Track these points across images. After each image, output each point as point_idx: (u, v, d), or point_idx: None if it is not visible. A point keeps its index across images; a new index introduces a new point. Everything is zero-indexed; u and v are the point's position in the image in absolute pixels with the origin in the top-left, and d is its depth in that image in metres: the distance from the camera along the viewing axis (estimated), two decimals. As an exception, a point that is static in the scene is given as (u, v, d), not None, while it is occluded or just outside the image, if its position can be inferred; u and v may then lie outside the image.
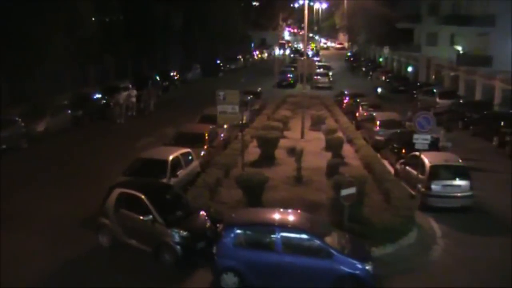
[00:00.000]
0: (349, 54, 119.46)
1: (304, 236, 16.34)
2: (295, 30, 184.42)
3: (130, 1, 55.87)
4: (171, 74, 64.95)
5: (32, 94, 42.25)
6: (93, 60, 50.50)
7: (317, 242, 16.04)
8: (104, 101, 44.00)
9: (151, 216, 18.42)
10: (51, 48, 39.60)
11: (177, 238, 18.07)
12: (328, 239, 16.38)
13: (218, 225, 18.48)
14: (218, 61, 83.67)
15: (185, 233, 18.16)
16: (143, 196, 18.88)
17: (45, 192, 25.42)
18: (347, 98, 49.89)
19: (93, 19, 49.16)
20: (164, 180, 22.55)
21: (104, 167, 28.91)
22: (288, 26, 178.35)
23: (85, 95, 43.85)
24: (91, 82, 52.27)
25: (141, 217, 18.65)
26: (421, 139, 23.20)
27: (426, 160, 23.96)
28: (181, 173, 24.06)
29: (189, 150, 25.73)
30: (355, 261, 15.97)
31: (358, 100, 45.41)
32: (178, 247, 18.01)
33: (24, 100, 39.96)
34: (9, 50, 36.42)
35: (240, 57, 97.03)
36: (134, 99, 44.45)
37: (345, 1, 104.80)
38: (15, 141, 33.01)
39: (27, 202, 24.04)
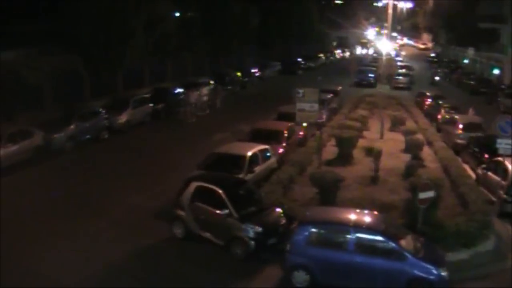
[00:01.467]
0: (432, 54, 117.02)
1: (378, 237, 16.17)
2: (378, 29, 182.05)
3: None
4: (251, 71, 65.30)
5: (113, 88, 43.67)
6: (171, 56, 51.41)
7: (391, 244, 15.84)
8: (182, 97, 44.61)
9: (227, 211, 18.64)
10: (132, 44, 40.72)
11: (250, 233, 18.21)
12: (402, 242, 16.17)
13: (291, 222, 18.53)
14: (298, 59, 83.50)
15: (258, 229, 18.28)
16: (221, 191, 19.11)
17: (122, 182, 26.15)
18: (428, 99, 48.88)
19: (172, 16, 49.94)
20: (241, 176, 22.72)
21: (179, 160, 29.45)
22: (371, 25, 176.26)
23: (165, 89, 44.64)
24: (169, 77, 53.24)
25: (217, 211, 18.89)
26: (504, 144, 22.47)
27: (509, 165, 23.22)
28: (258, 169, 24.22)
29: (267, 147, 25.87)
30: (429, 266, 15.68)
31: (439, 102, 44.45)
32: (251, 242, 18.16)
33: (106, 94, 41.37)
34: (93, 46, 37.77)
35: (320, 55, 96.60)
36: (205, 98, 44.10)
37: (429, 1, 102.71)
38: (98, 132, 34.16)
39: (104, 191, 24.78)
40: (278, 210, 19.71)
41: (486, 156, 27.18)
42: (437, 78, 62.09)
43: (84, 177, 27.01)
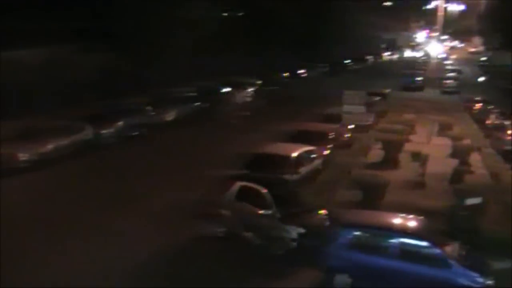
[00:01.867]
0: (482, 58, 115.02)
1: (422, 243, 15.92)
2: (427, 32, 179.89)
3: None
4: (297, 71, 65.22)
5: (158, 86, 44.14)
6: (216, 55, 51.71)
7: (436, 251, 15.58)
8: (227, 95, 44.73)
9: (270, 211, 18.65)
10: (176, 42, 41.16)
11: (292, 235, 18.18)
12: (448, 249, 15.90)
13: (334, 224, 18.43)
14: (345, 61, 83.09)
15: (301, 230, 18.24)
16: (265, 191, 19.13)
17: (165, 178, 26.31)
18: (476, 104, 48.10)
19: (217, 15, 50.29)
20: (285, 176, 22.67)
21: (223, 158, 29.51)
22: (420, 28, 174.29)
23: (210, 88, 44.87)
24: (214, 76, 53.46)
25: (260, 211, 18.92)
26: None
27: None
28: (302, 170, 24.14)
29: (312, 148, 25.78)
30: (474, 274, 15.40)
31: (488, 107, 43.71)
32: (293, 243, 18.13)
33: (150, 91, 41.88)
34: (136, 44, 38.40)
35: (367, 57, 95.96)
36: (249, 98, 43.44)
37: (483, 4, 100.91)
38: (143, 129, 34.57)
39: (147, 186, 25.02)
40: (321, 212, 19.63)
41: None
42: (481, 78, 60.75)
43: (127, 172, 27.39)
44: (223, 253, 18.83)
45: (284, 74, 59.61)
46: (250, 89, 46.65)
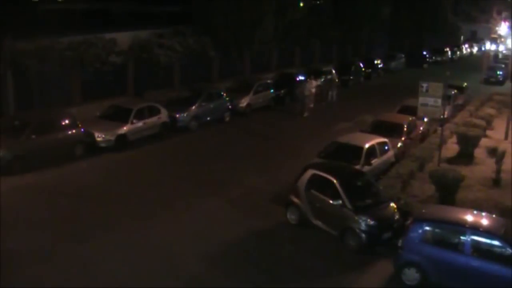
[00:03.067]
0: None
1: (496, 242, 15.70)
2: (510, 25, 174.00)
3: None
4: (375, 62, 64.34)
5: (241, 71, 44.75)
6: (299, 42, 51.74)
7: (510, 250, 15.34)
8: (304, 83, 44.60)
9: (340, 201, 18.72)
10: (261, 30, 41.49)
11: (363, 226, 18.21)
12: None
13: (407, 218, 18.34)
14: (424, 52, 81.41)
15: (372, 222, 18.24)
16: (335, 181, 19.18)
17: (242, 164, 26.89)
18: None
19: (302, 3, 50.23)
20: (358, 167, 22.68)
21: (299, 147, 29.74)
22: (503, 19, 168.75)
23: (289, 75, 44.93)
24: (296, 64, 53.50)
25: (331, 201, 19.02)
26: None
27: None
28: (375, 161, 24.07)
29: (385, 139, 25.63)
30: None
31: None
32: (364, 235, 18.15)
33: (233, 76, 42.57)
34: (223, 29, 38.91)
35: (447, 49, 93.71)
36: (313, 90, 41.00)
37: None
38: (220, 114, 35.09)
39: (223, 171, 25.63)
40: (393, 205, 19.55)
41: None
42: None
43: (204, 156, 28.11)
44: (298, 240, 19.08)
45: (361, 65, 58.71)
46: (320, 80, 46.13)
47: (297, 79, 43.86)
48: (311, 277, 16.86)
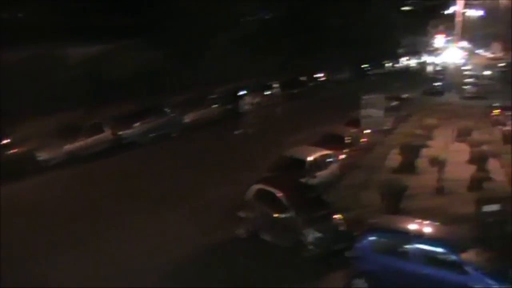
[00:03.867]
0: (502, 64, 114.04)
1: (441, 249, 16.01)
2: (446, 38, 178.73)
3: (289, 0, 56.97)
4: (323, 74, 65.18)
5: (192, 86, 44.42)
6: (251, 56, 51.90)
7: (453, 256, 15.66)
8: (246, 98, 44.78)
9: (287, 214, 18.78)
10: (213, 44, 41.55)
11: (311, 238, 18.30)
12: (465, 255, 15.95)
13: (355, 229, 18.52)
14: (369, 64, 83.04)
15: (319, 234, 18.35)
16: (280, 194, 19.29)
17: (192, 179, 26.71)
18: (496, 110, 47.81)
19: (254, 15, 50.54)
20: (303, 180, 22.81)
21: (248, 160, 29.66)
22: (438, 32, 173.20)
23: (235, 90, 44.99)
24: (247, 77, 53.49)
25: (279, 214, 19.07)
26: None
27: None
28: (320, 174, 24.24)
29: (330, 152, 25.87)
30: (493, 282, 15.42)
31: (508, 113, 43.42)
32: (312, 246, 18.25)
33: (186, 90, 42.29)
34: (175, 44, 38.83)
35: (388, 61, 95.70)
36: (253, 104, 41.67)
37: (503, 8, 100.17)
38: (170, 128, 35.08)
39: (175, 187, 25.48)
40: (339, 216, 19.71)
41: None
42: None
43: (154, 172, 27.86)
44: (249, 254, 19.09)
45: (303, 78, 59.31)
46: (271, 92, 46.45)
47: (244, 93, 44.01)
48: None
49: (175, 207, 22.88)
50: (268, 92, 47.10)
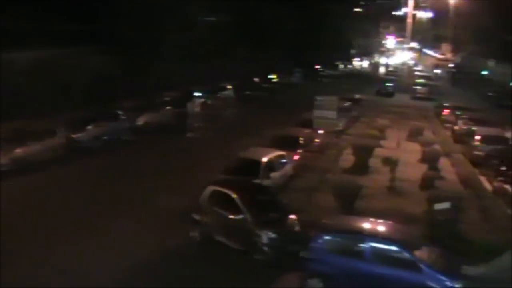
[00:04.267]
0: (451, 65, 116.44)
1: (393, 247, 16.16)
2: (397, 39, 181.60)
3: (240, 4, 56.97)
4: (275, 77, 65.56)
5: (144, 91, 44.04)
6: (202, 60, 51.75)
7: (407, 254, 15.83)
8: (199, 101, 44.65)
9: (242, 216, 18.71)
10: (164, 47, 41.26)
11: (265, 239, 18.23)
12: (418, 253, 16.14)
13: (309, 230, 18.56)
14: (319, 67, 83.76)
15: (274, 235, 18.31)
16: (234, 195, 19.18)
17: (146, 184, 26.24)
18: (446, 110, 48.80)
19: (204, 20, 50.45)
20: (257, 181, 22.77)
21: (203, 163, 29.45)
22: (390, 34, 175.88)
23: (188, 93, 44.80)
24: (198, 81, 53.34)
25: (233, 216, 18.97)
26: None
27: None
28: (274, 175, 24.24)
29: (283, 153, 25.91)
30: (444, 278, 15.65)
31: (458, 113, 44.33)
32: (266, 248, 18.20)
33: (136, 95, 41.82)
34: (126, 48, 38.43)
35: (340, 63, 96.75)
36: (199, 108, 39.99)
37: (451, 11, 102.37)
38: (122, 133, 34.51)
39: (129, 192, 24.96)
40: (293, 217, 19.73)
41: (504, 168, 27.07)
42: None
43: (107, 177, 27.29)
44: (204, 258, 18.91)
45: (257, 79, 59.61)
46: (226, 93, 46.49)
47: (196, 96, 43.83)
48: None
49: (128, 212, 22.51)
50: (222, 94, 47.01)
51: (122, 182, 26.46)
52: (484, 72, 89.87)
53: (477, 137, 33.90)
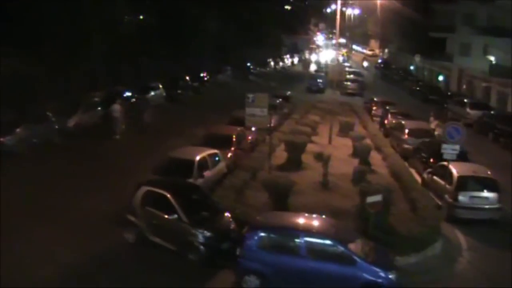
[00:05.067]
0: (379, 61, 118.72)
1: (328, 242, 16.33)
2: (327, 36, 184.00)
3: (165, 3, 56.50)
4: (203, 75, 65.19)
5: (68, 90, 42.94)
6: (127, 59, 50.99)
7: (341, 248, 16.01)
8: (135, 100, 44.07)
9: (176, 215, 18.53)
10: (87, 47, 40.36)
11: (201, 238, 18.14)
12: (352, 246, 16.34)
13: (243, 227, 18.52)
14: (249, 64, 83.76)
15: (209, 234, 18.22)
16: (168, 195, 18.99)
17: (75, 187, 25.57)
18: (376, 105, 49.66)
19: (128, 19, 49.73)
20: (191, 180, 22.62)
21: (134, 164, 29.04)
22: (320, 31, 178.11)
23: (116, 93, 44.06)
24: (125, 81, 52.48)
25: (166, 216, 18.77)
26: (449, 149, 22.96)
27: (454, 170, 23.72)
28: (207, 173, 24.11)
29: (216, 151, 25.79)
30: (378, 269, 15.90)
31: (387, 108, 45.15)
32: (202, 247, 18.09)
33: (61, 96, 40.60)
34: (48, 47, 37.31)
35: (270, 60, 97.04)
36: (117, 114, 37.86)
37: (378, 8, 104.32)
38: (48, 135, 33.48)
39: (57, 195, 24.28)
40: (228, 215, 19.68)
41: (432, 161, 27.69)
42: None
43: (36, 181, 26.42)
44: (139, 258, 18.64)
45: (187, 78, 59.22)
46: (155, 93, 45.99)
47: (124, 95, 43.19)
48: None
49: (58, 217, 21.92)
50: (151, 94, 46.54)
51: (49, 186, 25.71)
52: (411, 67, 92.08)
53: (406, 131, 34.60)
